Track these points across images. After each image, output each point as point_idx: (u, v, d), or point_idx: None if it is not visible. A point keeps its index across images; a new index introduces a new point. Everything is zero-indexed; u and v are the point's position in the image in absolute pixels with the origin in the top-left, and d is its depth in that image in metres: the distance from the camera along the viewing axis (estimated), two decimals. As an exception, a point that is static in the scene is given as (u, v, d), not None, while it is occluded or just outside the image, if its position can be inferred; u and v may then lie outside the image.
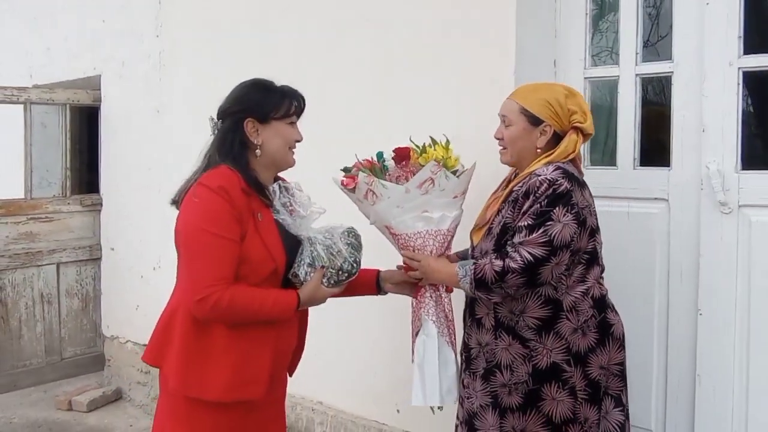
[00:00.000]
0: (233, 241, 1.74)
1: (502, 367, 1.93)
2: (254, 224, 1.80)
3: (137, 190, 4.17)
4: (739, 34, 2.12)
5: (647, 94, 2.42)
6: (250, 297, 1.75)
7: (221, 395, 1.79)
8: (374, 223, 2.09)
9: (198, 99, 3.71)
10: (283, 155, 1.91)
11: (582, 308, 1.91)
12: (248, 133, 1.85)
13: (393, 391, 2.84)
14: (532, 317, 1.90)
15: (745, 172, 2.14)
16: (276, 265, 1.82)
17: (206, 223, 1.74)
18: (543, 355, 1.89)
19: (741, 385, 2.17)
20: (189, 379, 1.79)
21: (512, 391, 1.92)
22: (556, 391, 1.89)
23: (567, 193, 1.84)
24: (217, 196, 1.75)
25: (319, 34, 3.06)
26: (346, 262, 1.88)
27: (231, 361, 1.79)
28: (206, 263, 1.73)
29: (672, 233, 2.29)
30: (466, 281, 1.90)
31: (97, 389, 4.24)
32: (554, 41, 2.50)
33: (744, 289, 2.15)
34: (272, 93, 1.89)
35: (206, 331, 1.79)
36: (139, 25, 4.09)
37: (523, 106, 1.97)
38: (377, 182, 2.01)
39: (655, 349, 2.35)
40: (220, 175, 1.79)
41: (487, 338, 1.97)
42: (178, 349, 1.80)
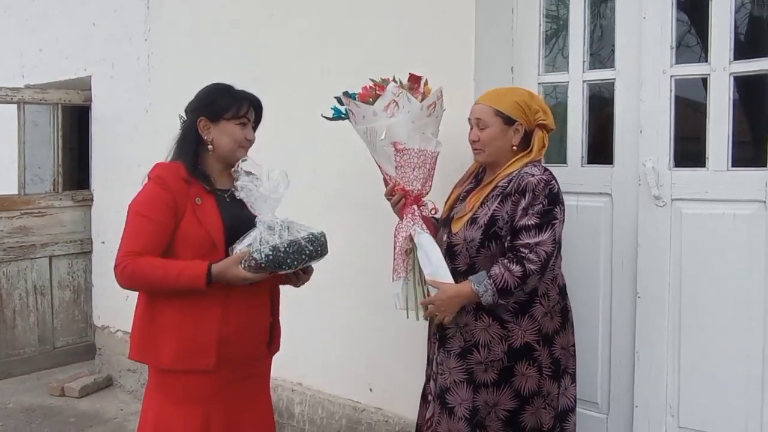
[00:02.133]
0: (154, 221, 1.95)
1: (479, 346, 2.13)
2: (192, 208, 2.00)
3: (127, 186, 4.22)
4: (672, 45, 2.35)
5: (594, 98, 2.64)
6: (154, 267, 1.92)
7: (171, 363, 1.98)
8: (383, 139, 2.19)
9: (185, 99, 3.77)
10: (232, 152, 2.10)
11: (551, 294, 2.14)
12: (200, 130, 2.08)
13: (366, 371, 3.05)
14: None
15: (677, 169, 2.36)
16: (213, 241, 1.99)
17: (136, 205, 2.00)
18: (518, 335, 2.10)
19: (673, 360, 2.39)
20: (144, 348, 2.02)
21: (488, 368, 2.12)
22: (527, 368, 2.11)
23: (558, 193, 2.07)
24: (152, 183, 2.01)
25: (302, 36, 3.24)
26: (257, 252, 1.87)
27: (178, 332, 1.98)
28: (126, 237, 1.98)
29: (615, 225, 2.51)
30: (489, 294, 2.03)
31: (88, 376, 4.41)
32: (511, 50, 2.72)
33: (676, 275, 2.37)
34: (226, 96, 2.09)
35: (157, 304, 2.00)
36: (128, 28, 4.25)
37: (496, 108, 2.16)
38: (404, 94, 2.19)
39: (600, 329, 2.57)
40: (161, 166, 2.05)
41: (466, 319, 2.15)
42: (136, 321, 2.06)
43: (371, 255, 2.95)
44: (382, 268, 2.86)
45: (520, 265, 2.00)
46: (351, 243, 2.97)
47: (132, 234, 1.97)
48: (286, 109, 3.14)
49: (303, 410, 3.27)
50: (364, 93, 2.25)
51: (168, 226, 1.96)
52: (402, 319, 2.83)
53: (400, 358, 2.89)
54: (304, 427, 3.26)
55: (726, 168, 2.28)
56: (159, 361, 2.00)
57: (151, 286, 1.96)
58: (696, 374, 2.36)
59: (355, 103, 2.25)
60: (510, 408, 2.11)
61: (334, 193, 3.12)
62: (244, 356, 2.09)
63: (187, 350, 1.98)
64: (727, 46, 2.25)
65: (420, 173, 2.24)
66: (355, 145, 2.92)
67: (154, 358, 2.01)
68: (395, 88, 2.20)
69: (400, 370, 2.90)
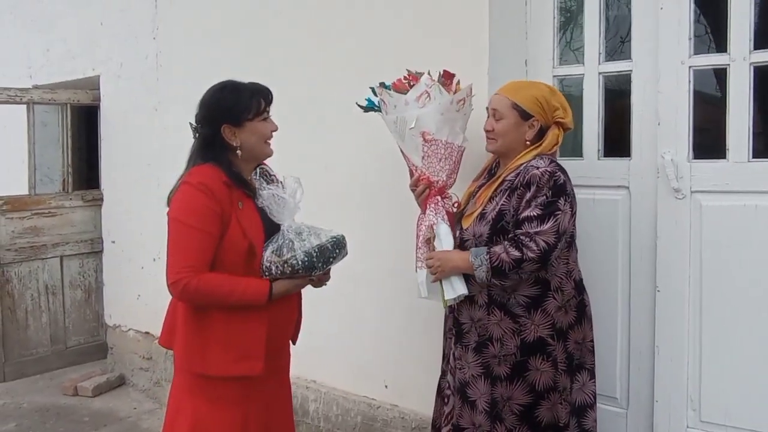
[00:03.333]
0: (206, 233, 1.91)
1: (493, 340, 2.13)
2: (236, 214, 1.97)
3: (136, 185, 4.33)
4: (690, 36, 2.33)
5: (610, 91, 2.61)
6: (219, 284, 1.91)
7: (222, 371, 1.97)
8: (412, 128, 2.21)
9: (194, 98, 3.75)
10: (261, 149, 2.08)
11: (566, 289, 2.13)
12: (226, 138, 2.01)
13: (381, 368, 3.04)
14: (522, 295, 2.10)
15: (696, 161, 2.34)
16: (250, 244, 1.96)
17: (183, 215, 1.92)
18: (531, 330, 2.09)
19: (695, 354, 2.37)
20: (192, 357, 1.99)
21: (501, 362, 2.11)
22: (541, 363, 2.10)
23: (564, 184, 2.05)
24: (196, 191, 1.93)
25: (311, 31, 3.22)
26: (293, 259, 1.93)
27: (227, 339, 1.97)
28: (179, 251, 1.92)
29: (633, 218, 2.49)
30: (483, 269, 2.05)
31: (101, 375, 4.41)
32: (525, 43, 2.69)
33: (696, 267, 2.35)
34: (241, 96, 2.02)
35: (204, 312, 1.97)
36: (136, 27, 4.24)
37: (514, 101, 2.16)
38: (436, 85, 2.22)
39: (619, 323, 2.55)
40: (200, 172, 1.97)
41: (479, 314, 2.16)
42: (182, 330, 2.01)
43: (383, 252, 2.94)
44: (394, 264, 2.86)
45: (519, 250, 2.00)
46: (363, 240, 2.95)
47: (184, 246, 1.91)
48: (296, 106, 3.13)
49: (318, 407, 3.26)
50: (399, 83, 2.28)
51: (217, 236, 1.93)
52: (417, 315, 2.84)
53: (415, 354, 2.88)
54: (320, 425, 3.25)
55: (747, 159, 2.25)
56: (207, 369, 1.98)
57: (213, 302, 1.94)
58: (717, 368, 2.34)
59: (388, 92, 2.28)
60: (524, 402, 2.10)
61: (345, 191, 3.10)
62: (276, 352, 2.11)
63: (236, 357, 1.97)
64: (746, 35, 2.22)
65: (446, 165, 2.26)
66: (366, 141, 2.92)
67: (202, 366, 1.98)
68: (428, 79, 2.23)
69: (415, 366, 2.89)
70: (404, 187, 2.45)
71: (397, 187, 2.63)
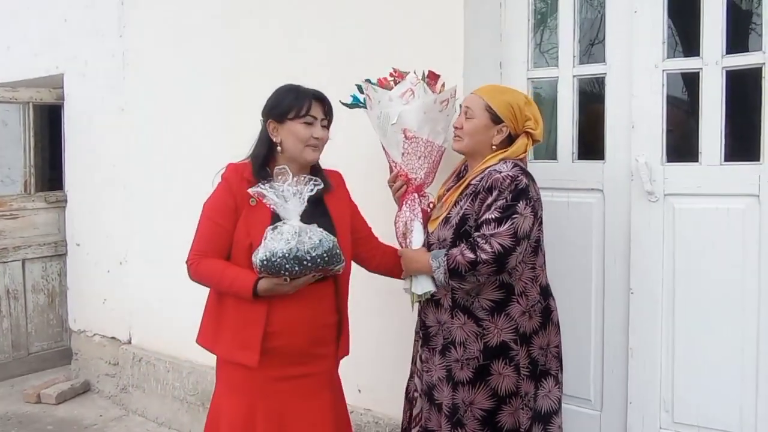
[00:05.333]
0: (217, 224, 2.08)
1: (456, 344, 2.11)
2: (246, 210, 2.06)
3: (102, 187, 4.23)
4: (663, 40, 2.34)
5: (584, 94, 2.62)
6: (212, 271, 2.06)
7: (223, 353, 2.12)
8: (394, 124, 2.23)
9: (162, 97, 3.80)
10: (299, 152, 2.11)
11: (531, 294, 2.11)
12: (270, 132, 2.13)
13: (355, 373, 2.99)
14: (486, 299, 2.08)
15: (669, 164, 2.36)
16: (250, 243, 2.02)
17: (207, 207, 2.13)
18: (494, 334, 2.07)
19: (668, 356, 2.39)
20: (206, 334, 2.17)
21: (464, 366, 2.09)
22: (503, 367, 2.08)
23: (526, 188, 2.03)
24: (220, 185, 2.12)
25: (283, 32, 3.18)
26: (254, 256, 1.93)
27: (233, 325, 2.09)
28: (196, 238, 2.12)
29: (607, 221, 2.50)
30: (440, 272, 2.06)
31: (65, 382, 4.28)
32: (500, 45, 2.69)
33: (669, 270, 2.37)
34: (289, 96, 2.12)
35: (222, 295, 2.11)
36: (102, 24, 4.13)
37: (488, 103, 2.15)
38: (421, 84, 2.23)
39: (592, 326, 2.56)
40: (231, 166, 2.13)
41: (444, 317, 2.15)
42: (206, 308, 2.20)
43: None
44: (375, 278, 2.82)
45: (473, 252, 1.99)
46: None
47: (200, 235, 2.11)
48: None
49: (290, 413, 3.21)
50: (384, 80, 2.29)
51: (230, 230, 2.08)
52: (389, 318, 2.81)
53: (388, 358, 2.85)
54: (292, 430, 3.19)
55: (719, 162, 2.28)
56: (214, 348, 2.14)
57: (211, 285, 2.13)
58: (690, 369, 2.36)
59: (373, 87, 2.29)
60: (486, 407, 2.09)
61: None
62: (297, 356, 2.10)
63: (237, 344, 2.07)
64: (719, 40, 2.25)
65: (425, 163, 2.27)
66: (345, 142, 2.88)
67: (213, 345, 2.15)
68: (414, 77, 2.24)
69: (389, 369, 2.85)
70: (384, 187, 2.42)
71: (377, 186, 2.59)
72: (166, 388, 3.76)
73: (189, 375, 3.63)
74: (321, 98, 2.15)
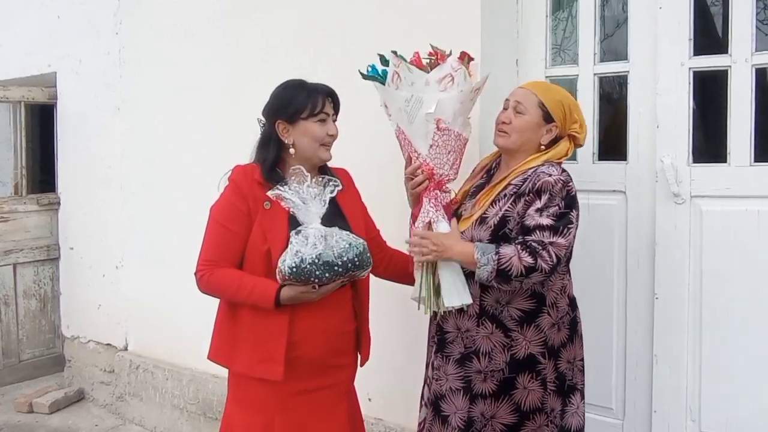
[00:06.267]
0: (229, 230, 1.95)
1: (480, 354, 2.00)
2: (260, 214, 1.95)
3: (96, 188, 4.11)
4: (690, 37, 2.27)
5: (605, 92, 2.54)
6: (229, 280, 1.93)
7: (244, 368, 1.98)
8: (430, 113, 1.99)
9: (160, 96, 3.70)
10: (314, 151, 2.01)
11: (561, 305, 2.02)
12: (280, 133, 2.01)
13: (365, 381, 2.89)
14: (517, 309, 1.98)
15: (696, 165, 2.28)
16: (268, 247, 1.91)
17: (214, 211, 2.00)
18: (522, 346, 1.97)
19: (694, 363, 2.31)
20: (220, 350, 2.04)
21: (487, 378, 1.99)
22: (529, 381, 1.98)
23: (575, 196, 1.94)
24: (229, 188, 1.99)
25: (288, 26, 3.07)
26: (282, 263, 1.84)
27: (252, 338, 1.96)
28: (205, 245, 1.99)
29: (629, 223, 2.42)
30: (487, 269, 1.87)
31: (58, 390, 4.17)
32: (516, 41, 2.60)
33: (696, 274, 2.29)
34: (299, 94, 2.00)
35: (237, 308, 1.99)
36: (97, 21, 4.02)
37: (542, 100, 2.02)
38: (463, 71, 2.02)
39: (614, 331, 2.48)
40: (238, 169, 2.01)
41: (468, 324, 2.02)
42: (217, 321, 2.07)
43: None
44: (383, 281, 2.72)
45: (533, 257, 1.84)
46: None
47: (210, 242, 1.99)
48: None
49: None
50: (419, 59, 2.05)
51: (243, 235, 1.96)
52: (400, 323, 2.72)
53: (399, 365, 2.75)
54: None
55: (749, 163, 2.20)
56: (233, 364, 2.02)
57: (225, 297, 2.00)
58: (717, 377, 2.28)
59: (407, 66, 2.04)
60: (508, 422, 1.99)
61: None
62: (316, 367, 2.01)
63: (259, 358, 1.95)
64: (748, 37, 2.18)
65: (452, 157, 2.07)
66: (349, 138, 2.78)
67: (229, 361, 2.02)
68: (456, 62, 2.02)
69: (400, 377, 2.76)
70: (392, 193, 2.31)
71: (384, 190, 2.49)
72: (164, 396, 3.64)
73: (189, 383, 3.52)
74: (332, 94, 2.06)
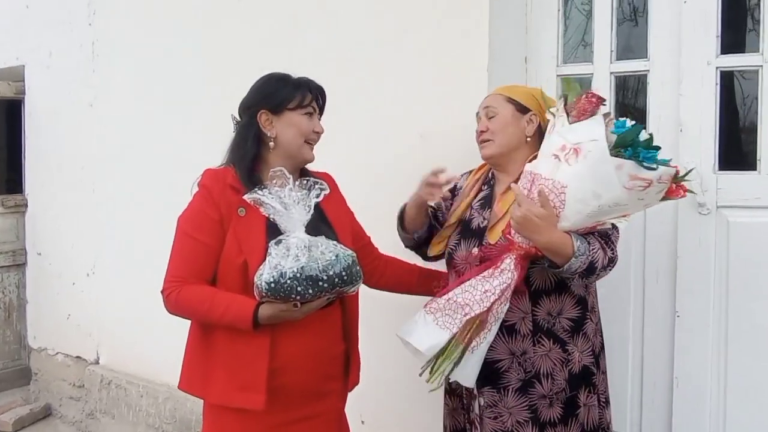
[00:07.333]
0: (199, 242, 1.75)
1: (541, 377, 1.79)
2: (234, 222, 1.76)
3: (67, 190, 3.90)
4: (717, 34, 2.11)
5: (621, 93, 2.38)
6: (200, 299, 1.73)
7: (219, 398, 1.77)
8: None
9: (137, 91, 3.50)
10: (298, 147, 1.84)
11: (596, 309, 1.91)
12: (262, 125, 1.82)
13: (358, 404, 2.71)
14: (566, 318, 1.82)
15: (723, 172, 2.13)
16: (244, 259, 1.72)
17: (182, 220, 1.81)
18: (576, 358, 1.82)
19: (719, 388, 2.16)
20: (193, 378, 1.83)
21: (553, 402, 1.79)
22: (588, 397, 1.83)
23: None
24: (198, 194, 1.79)
25: (277, 26, 2.88)
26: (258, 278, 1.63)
27: (228, 364, 1.76)
28: (173, 259, 1.79)
29: (648, 234, 2.26)
30: (580, 261, 1.64)
31: (23, 406, 3.96)
32: (525, 38, 2.43)
33: (722, 291, 2.14)
34: (287, 84, 1.85)
35: (209, 331, 1.79)
36: (69, 12, 3.81)
37: (509, 96, 1.90)
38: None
39: (630, 351, 2.32)
40: (208, 172, 1.82)
41: (524, 346, 1.80)
42: (187, 347, 1.86)
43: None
44: (374, 293, 2.53)
45: (612, 250, 1.73)
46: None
47: (177, 256, 1.79)
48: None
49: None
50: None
51: (215, 247, 1.76)
52: (392, 339, 2.51)
53: (395, 385, 2.57)
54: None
55: (781, 171, 2.05)
56: (207, 394, 1.81)
57: (197, 318, 1.80)
58: (744, 402, 2.13)
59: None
60: None
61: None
62: (302, 395, 1.81)
63: (236, 386, 1.75)
64: (783, 34, 2.02)
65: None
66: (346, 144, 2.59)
67: (202, 391, 1.82)
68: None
69: (396, 398, 2.58)
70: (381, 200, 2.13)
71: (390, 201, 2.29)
72: (139, 414, 3.42)
73: (166, 401, 3.29)
74: (321, 90, 1.91)
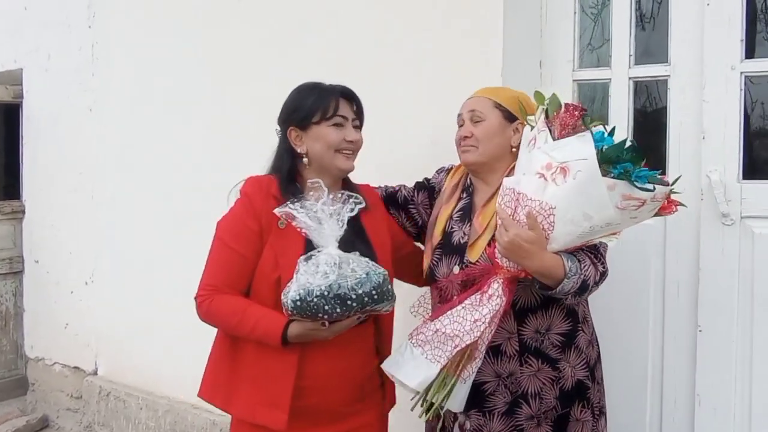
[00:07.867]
0: (236, 252, 1.72)
1: (529, 397, 1.74)
2: (274, 235, 1.71)
3: (66, 196, 3.80)
4: (742, 37, 2.04)
5: (639, 99, 2.30)
6: (229, 311, 1.70)
7: (243, 412, 1.73)
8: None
9: (138, 96, 3.41)
10: (329, 159, 1.76)
11: (589, 319, 1.85)
12: (292, 142, 1.79)
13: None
14: (556, 334, 1.76)
15: (747, 181, 2.06)
16: (279, 275, 1.67)
17: (221, 229, 1.77)
18: (568, 375, 1.76)
19: (743, 405, 2.09)
20: (215, 387, 1.79)
21: (541, 422, 1.74)
22: (581, 412, 1.77)
23: None
24: (239, 203, 1.76)
25: (278, 26, 2.80)
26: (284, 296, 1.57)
27: (253, 378, 1.72)
28: (209, 266, 1.76)
29: (668, 246, 2.18)
30: (572, 282, 1.59)
31: (20, 417, 3.87)
32: (540, 41, 2.35)
33: (746, 304, 2.07)
34: (309, 97, 1.78)
35: (237, 342, 1.75)
36: (69, 14, 3.72)
37: (496, 101, 1.82)
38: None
39: (649, 367, 2.24)
40: (252, 180, 1.78)
41: (510, 367, 1.75)
42: (212, 354, 1.83)
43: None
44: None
45: (602, 264, 1.69)
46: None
47: (213, 263, 1.76)
48: (258, 108, 2.65)
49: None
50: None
51: (252, 259, 1.72)
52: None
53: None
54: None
55: (810, 181, 1.97)
56: (228, 406, 1.77)
57: (227, 330, 1.76)
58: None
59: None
60: None
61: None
62: (330, 415, 1.74)
63: (260, 401, 1.71)
64: (811, 37, 1.94)
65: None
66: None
67: (225, 402, 1.78)
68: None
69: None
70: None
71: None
72: (138, 427, 3.33)
73: (166, 414, 3.20)
74: (350, 95, 1.81)
